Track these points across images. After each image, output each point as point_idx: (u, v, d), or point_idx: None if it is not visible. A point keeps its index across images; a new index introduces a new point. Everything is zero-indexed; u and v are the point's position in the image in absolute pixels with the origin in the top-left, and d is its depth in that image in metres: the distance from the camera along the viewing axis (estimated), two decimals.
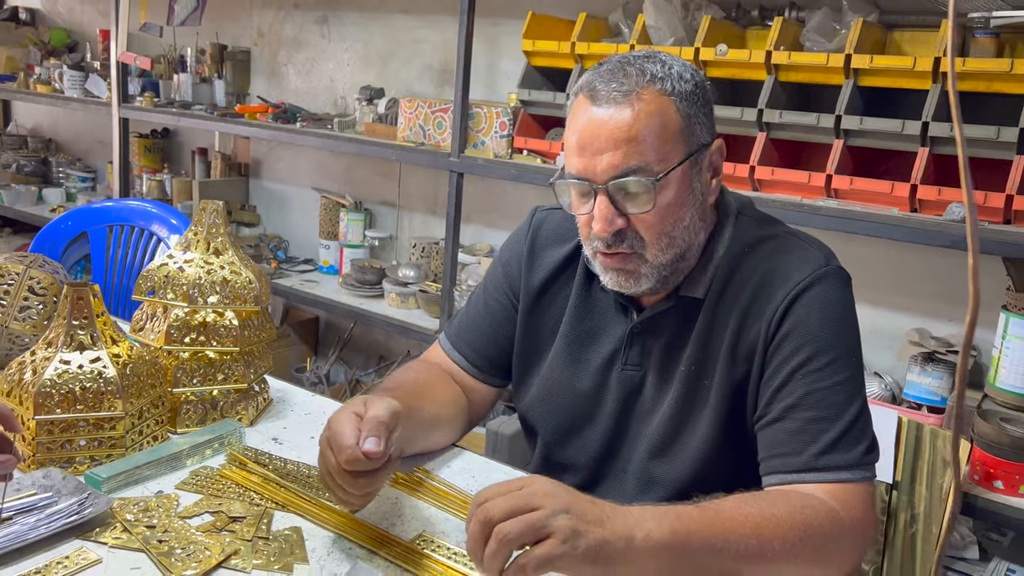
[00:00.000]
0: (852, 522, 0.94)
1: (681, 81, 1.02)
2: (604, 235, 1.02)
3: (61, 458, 1.05)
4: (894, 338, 2.17)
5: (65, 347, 1.06)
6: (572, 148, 1.04)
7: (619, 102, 1.00)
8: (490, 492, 0.81)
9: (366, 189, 3.29)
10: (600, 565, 0.79)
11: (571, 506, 0.79)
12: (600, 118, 1.00)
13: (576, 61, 2.38)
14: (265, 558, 0.91)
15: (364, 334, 3.38)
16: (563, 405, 1.19)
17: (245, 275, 1.24)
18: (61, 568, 0.86)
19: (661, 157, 1.00)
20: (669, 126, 1.01)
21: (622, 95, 1.00)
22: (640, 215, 1.02)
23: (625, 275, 1.06)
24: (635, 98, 1.00)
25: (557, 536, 0.77)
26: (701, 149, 1.05)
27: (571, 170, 1.04)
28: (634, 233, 1.03)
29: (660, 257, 1.05)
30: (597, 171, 1.01)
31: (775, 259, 1.08)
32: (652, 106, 1.00)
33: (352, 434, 0.90)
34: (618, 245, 1.04)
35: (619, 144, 0.99)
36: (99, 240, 2.00)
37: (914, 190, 1.87)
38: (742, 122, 2.09)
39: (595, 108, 1.01)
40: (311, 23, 3.42)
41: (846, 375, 1.02)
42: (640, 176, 0.99)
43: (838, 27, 2.09)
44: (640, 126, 0.99)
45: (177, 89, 3.56)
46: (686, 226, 1.05)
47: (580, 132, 1.02)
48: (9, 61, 4.14)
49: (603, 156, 1.00)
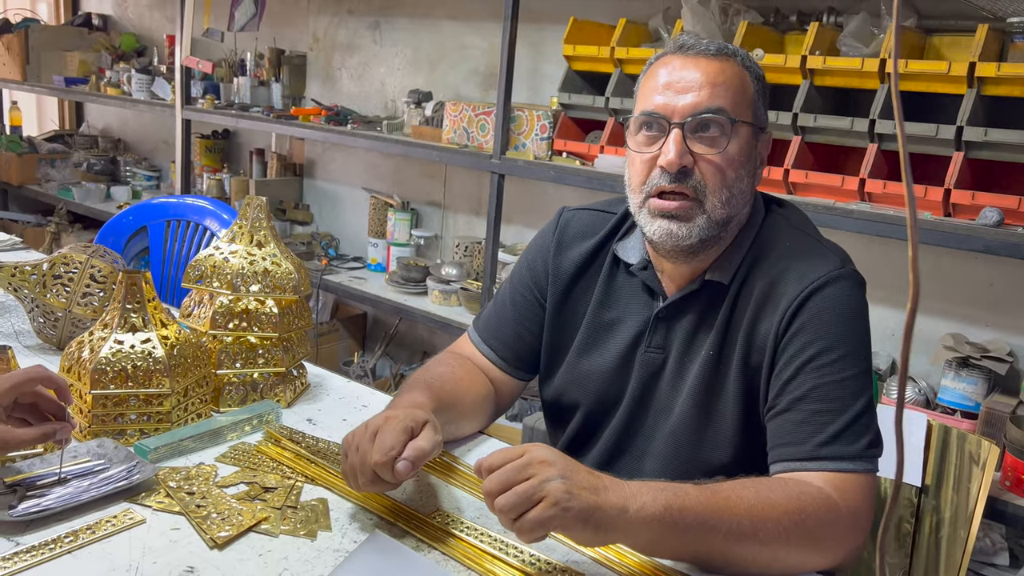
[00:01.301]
0: (848, 511, 0.97)
1: (755, 66, 1.13)
2: (673, 168, 1.07)
3: (114, 430, 1.15)
4: (928, 343, 2.16)
5: (119, 328, 1.16)
6: (654, 89, 1.10)
7: (709, 55, 1.10)
8: (490, 460, 0.87)
9: (413, 190, 3.39)
10: (591, 528, 0.84)
11: (565, 472, 0.85)
12: (690, 64, 1.09)
13: (615, 66, 2.43)
14: (292, 525, 0.99)
15: (409, 330, 3.47)
16: (588, 390, 1.23)
17: (285, 266, 1.32)
18: (109, 526, 0.95)
19: (737, 111, 1.09)
20: (746, 91, 1.11)
21: (713, 50, 1.10)
22: (710, 157, 1.07)
23: (679, 223, 1.09)
24: (723, 57, 1.10)
25: (548, 499, 0.83)
26: (760, 130, 1.14)
27: (648, 108, 1.10)
28: (700, 177, 1.08)
29: (717, 210, 1.09)
30: (677, 108, 1.08)
31: (793, 257, 1.12)
32: (736, 69, 1.11)
33: (396, 445, 0.96)
34: (682, 183, 1.08)
35: (704, 86, 1.07)
36: (157, 234, 2.13)
37: (948, 194, 1.87)
38: (777, 126, 2.11)
39: (685, 57, 1.10)
40: (364, 28, 3.53)
41: (854, 371, 1.05)
42: (720, 116, 1.07)
43: (876, 31, 2.10)
44: (726, 77, 1.09)
45: (237, 92, 3.72)
46: (742, 189, 1.11)
47: (667, 75, 1.10)
48: (82, 65, 4.36)
49: (688, 95, 1.08)
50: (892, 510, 0.50)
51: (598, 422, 1.24)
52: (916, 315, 0.56)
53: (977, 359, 2.00)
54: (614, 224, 1.25)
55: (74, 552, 0.90)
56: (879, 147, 1.99)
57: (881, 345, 2.24)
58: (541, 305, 1.28)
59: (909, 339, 0.57)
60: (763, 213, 1.18)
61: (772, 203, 1.21)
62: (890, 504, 0.51)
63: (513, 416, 2.85)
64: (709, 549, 0.90)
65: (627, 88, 2.38)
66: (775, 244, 1.14)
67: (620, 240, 1.23)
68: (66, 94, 4.39)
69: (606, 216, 1.27)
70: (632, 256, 1.21)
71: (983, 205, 1.84)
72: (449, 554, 0.96)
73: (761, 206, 1.19)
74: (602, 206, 1.29)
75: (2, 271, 1.45)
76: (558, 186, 2.79)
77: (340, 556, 0.94)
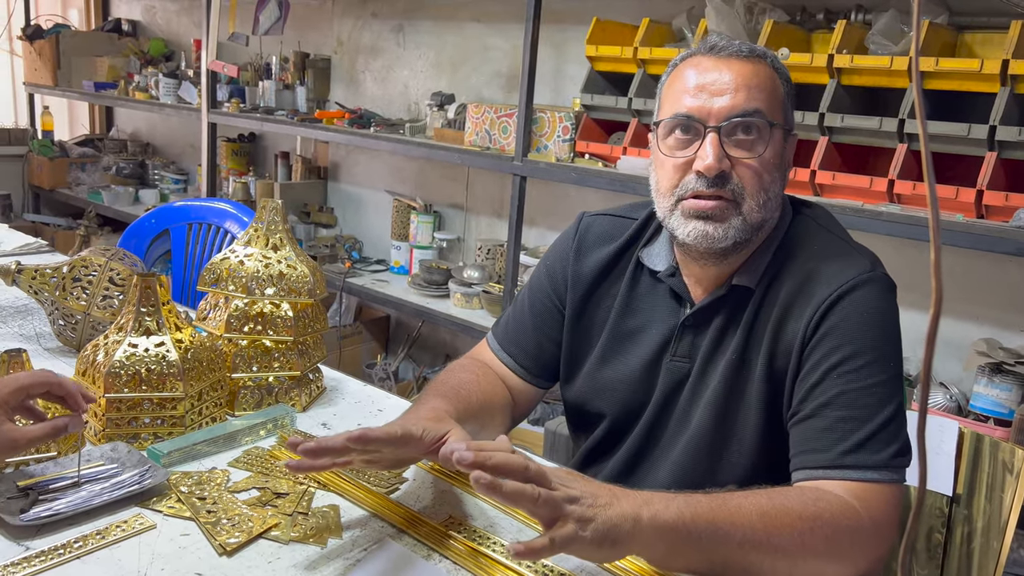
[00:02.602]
0: (871, 520, 0.94)
1: (783, 68, 1.11)
2: (712, 172, 1.04)
3: (128, 433, 1.15)
4: (961, 348, 2.11)
5: (133, 332, 1.16)
6: (684, 91, 1.07)
7: (742, 56, 1.07)
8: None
9: (436, 192, 3.38)
10: (607, 547, 0.82)
11: (583, 495, 0.82)
12: (723, 65, 1.07)
13: (638, 66, 2.40)
14: (302, 531, 0.98)
15: (432, 333, 3.47)
16: (612, 401, 1.21)
17: (300, 270, 1.32)
18: (119, 531, 0.95)
19: (771, 113, 1.06)
20: (777, 93, 1.09)
21: (746, 51, 1.08)
22: (747, 160, 1.05)
23: (714, 224, 1.06)
24: (756, 59, 1.08)
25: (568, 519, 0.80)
26: (789, 133, 1.11)
27: (680, 111, 1.07)
28: (737, 181, 1.06)
29: (753, 214, 1.06)
30: (713, 111, 1.05)
31: (820, 260, 1.09)
32: (768, 70, 1.08)
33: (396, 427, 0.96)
34: (720, 188, 1.05)
35: (739, 88, 1.05)
36: (179, 237, 2.14)
37: (980, 195, 1.82)
38: (804, 126, 2.07)
39: (716, 58, 1.07)
40: (387, 31, 3.53)
41: (881, 378, 1.01)
42: (758, 118, 1.04)
43: (905, 29, 2.05)
44: (760, 79, 1.06)
45: (262, 95, 3.74)
46: (776, 192, 1.09)
47: (698, 77, 1.07)
48: (111, 70, 4.42)
49: (723, 97, 1.05)
50: (913, 530, 0.47)
51: (621, 431, 1.22)
52: (939, 322, 0.53)
53: (1011, 365, 1.95)
54: (636, 229, 1.23)
55: (83, 558, 0.89)
56: (908, 147, 1.94)
57: (912, 350, 2.18)
58: (560, 311, 1.26)
59: (932, 346, 0.54)
60: (791, 215, 1.15)
61: (800, 205, 1.18)
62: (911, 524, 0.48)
63: (535, 420, 2.83)
64: (724, 559, 0.88)
65: (650, 89, 2.35)
66: (804, 246, 1.11)
67: (645, 247, 1.21)
68: (96, 99, 4.45)
69: (627, 221, 1.24)
70: (659, 263, 1.19)
71: (1017, 207, 1.79)
72: (460, 563, 0.94)
73: (789, 208, 1.16)
74: (623, 211, 1.27)
75: (23, 274, 1.46)
76: (580, 188, 2.77)
77: (349, 564, 0.92)
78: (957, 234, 1.79)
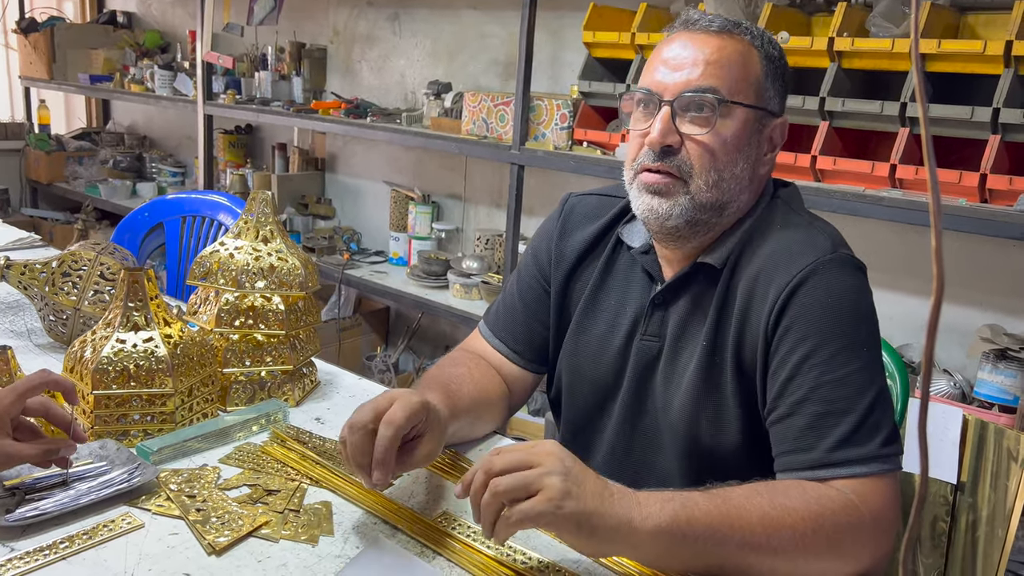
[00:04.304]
0: (871, 515, 0.91)
1: (770, 45, 1.08)
2: (655, 146, 1.03)
3: (117, 431, 1.13)
4: (965, 334, 2.08)
5: (121, 327, 1.14)
6: (652, 65, 1.07)
7: (711, 31, 1.05)
8: (501, 452, 0.83)
9: (434, 182, 3.35)
10: (586, 535, 0.80)
11: (570, 471, 0.81)
12: (689, 40, 1.05)
13: (636, 52, 2.37)
14: (293, 529, 0.96)
15: (431, 324, 3.45)
16: (586, 378, 1.19)
17: (292, 262, 1.29)
18: (107, 531, 0.93)
19: (733, 91, 1.03)
20: (749, 70, 1.05)
21: (716, 28, 1.05)
22: (697, 138, 1.03)
23: (660, 199, 1.05)
24: (727, 34, 1.05)
25: (544, 493, 0.79)
26: (768, 115, 1.08)
27: (644, 85, 1.07)
28: (686, 157, 1.04)
29: (702, 193, 1.04)
30: (668, 85, 1.04)
31: (779, 243, 1.05)
32: (740, 46, 1.05)
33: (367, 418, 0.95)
34: (666, 162, 1.04)
35: (698, 64, 1.03)
36: (173, 230, 2.11)
37: (984, 179, 1.80)
38: (804, 111, 2.04)
39: (687, 33, 1.06)
40: (383, 20, 3.50)
41: (856, 366, 0.96)
42: (709, 95, 1.02)
43: (907, 11, 2.02)
44: (724, 55, 1.03)
45: (258, 86, 3.71)
46: (735, 174, 1.05)
47: (666, 51, 1.06)
48: (107, 63, 4.39)
49: (681, 72, 1.03)
50: (915, 528, 0.45)
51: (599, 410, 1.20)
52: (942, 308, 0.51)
53: (1016, 351, 1.92)
54: (621, 208, 1.21)
55: (69, 558, 0.88)
56: (910, 131, 1.91)
57: (914, 336, 2.16)
58: (547, 292, 1.25)
59: (933, 334, 0.52)
60: (768, 197, 1.12)
61: (778, 187, 1.16)
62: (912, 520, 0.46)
63: (536, 411, 2.82)
64: (722, 561, 0.86)
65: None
66: (769, 227, 1.08)
67: (626, 224, 1.20)
68: (92, 92, 4.42)
69: (613, 200, 1.23)
70: (636, 240, 1.17)
71: (1021, 191, 1.76)
72: (454, 560, 0.92)
73: (770, 192, 1.13)
74: (609, 191, 1.26)
75: (12, 269, 1.44)
76: (579, 176, 2.74)
77: (341, 562, 0.91)
78: (960, 219, 1.76)
